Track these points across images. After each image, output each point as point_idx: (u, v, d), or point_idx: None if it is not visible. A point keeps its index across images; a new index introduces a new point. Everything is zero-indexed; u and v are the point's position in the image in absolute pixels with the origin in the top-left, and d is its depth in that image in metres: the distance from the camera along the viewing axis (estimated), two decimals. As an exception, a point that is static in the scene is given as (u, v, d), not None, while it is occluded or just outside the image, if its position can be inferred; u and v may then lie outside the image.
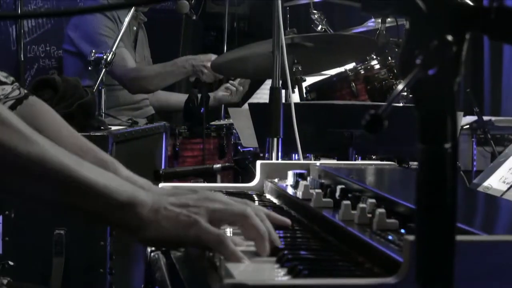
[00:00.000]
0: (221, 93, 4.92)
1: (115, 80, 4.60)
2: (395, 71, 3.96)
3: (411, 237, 1.02)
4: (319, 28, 4.72)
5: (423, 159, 0.88)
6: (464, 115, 4.66)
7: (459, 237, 0.96)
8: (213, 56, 4.51)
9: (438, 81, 0.86)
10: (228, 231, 1.50)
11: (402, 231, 1.34)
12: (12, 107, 1.81)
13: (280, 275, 1.20)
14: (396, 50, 4.10)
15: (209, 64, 4.43)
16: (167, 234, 1.34)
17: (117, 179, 1.38)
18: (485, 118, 4.77)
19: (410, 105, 3.08)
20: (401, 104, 3.14)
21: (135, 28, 4.85)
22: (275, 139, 2.67)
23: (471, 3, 0.87)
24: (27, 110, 1.82)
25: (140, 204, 1.34)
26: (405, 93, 3.47)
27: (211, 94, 4.84)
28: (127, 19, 3.95)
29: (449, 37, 0.85)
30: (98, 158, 1.78)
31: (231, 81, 4.94)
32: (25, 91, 1.87)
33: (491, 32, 0.88)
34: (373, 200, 1.47)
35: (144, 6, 4.31)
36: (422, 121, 0.88)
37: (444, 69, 0.85)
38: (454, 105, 0.87)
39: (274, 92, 2.71)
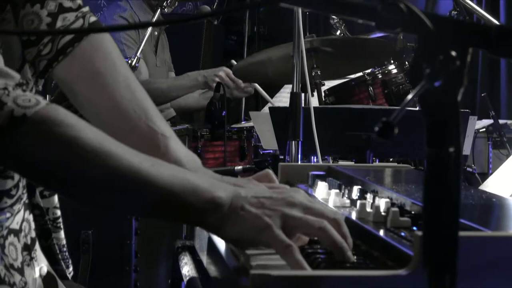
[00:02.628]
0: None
1: None
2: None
3: (420, 233, 1.12)
4: (338, 33, 4.80)
5: (429, 161, 0.98)
6: (480, 119, 4.73)
7: (464, 233, 1.06)
8: (224, 69, 4.60)
9: (443, 91, 0.96)
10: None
11: (414, 228, 1.44)
12: (70, 44, 1.61)
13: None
14: (413, 55, 4.18)
15: (222, 73, 4.51)
16: (241, 234, 1.33)
17: (193, 178, 1.34)
18: (501, 121, 4.83)
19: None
20: (417, 109, 3.22)
21: (156, 33, 4.95)
22: (295, 142, 2.75)
23: (473, 22, 0.97)
24: (85, 50, 1.62)
25: (219, 205, 1.32)
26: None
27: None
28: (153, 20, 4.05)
29: (453, 53, 0.95)
30: (150, 128, 1.64)
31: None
32: (90, 19, 1.65)
33: (491, 48, 0.98)
34: (388, 200, 1.56)
35: (166, 25, 4.38)
36: (429, 127, 0.98)
37: (448, 81, 0.95)
38: (458, 113, 0.97)
39: (294, 97, 2.78)
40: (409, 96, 0.97)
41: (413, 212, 1.49)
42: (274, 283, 1.16)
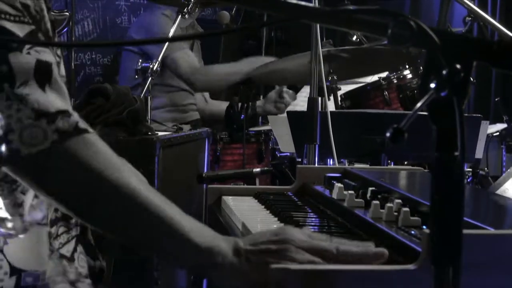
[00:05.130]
0: (269, 106, 5.01)
1: (180, 79, 4.80)
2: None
3: (428, 230, 1.21)
4: (354, 38, 4.87)
5: (437, 163, 1.07)
6: (494, 123, 4.79)
7: (468, 231, 1.16)
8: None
9: (449, 101, 1.05)
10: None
11: (424, 227, 1.53)
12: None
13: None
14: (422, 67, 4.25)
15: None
16: (248, 281, 1.36)
17: (199, 225, 1.41)
18: (515, 125, 4.89)
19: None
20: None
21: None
22: (312, 145, 2.82)
23: (476, 38, 1.06)
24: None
25: (219, 253, 1.37)
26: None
27: (260, 104, 5.01)
28: (172, 29, 4.13)
29: (458, 66, 1.04)
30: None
31: (286, 94, 5.04)
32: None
33: (493, 61, 1.08)
34: (399, 201, 1.65)
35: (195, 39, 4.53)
36: (437, 133, 1.07)
37: (453, 92, 1.04)
38: (462, 121, 1.06)
39: (311, 102, 2.85)
40: (418, 105, 1.06)
41: (423, 212, 1.58)
42: (293, 276, 1.25)
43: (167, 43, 4.05)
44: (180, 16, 3.98)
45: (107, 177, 1.39)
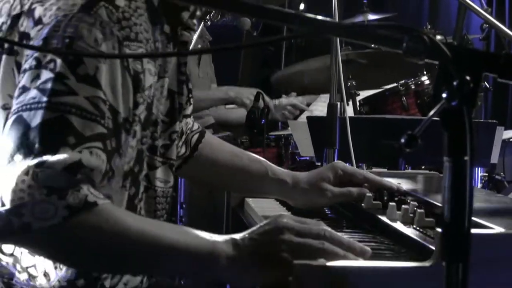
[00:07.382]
0: (277, 114, 5.06)
1: None
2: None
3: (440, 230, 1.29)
4: (373, 45, 4.93)
5: (448, 167, 1.16)
6: (511, 128, 4.84)
7: (477, 230, 1.24)
8: (255, 91, 4.80)
9: (459, 110, 1.13)
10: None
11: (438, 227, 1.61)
12: (199, 140, 2.14)
13: (338, 260, 1.47)
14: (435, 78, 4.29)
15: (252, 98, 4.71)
16: (256, 277, 1.44)
17: (196, 236, 1.47)
18: (532, 130, 4.92)
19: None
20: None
21: (199, 46, 5.09)
22: (331, 150, 2.89)
23: (485, 51, 1.15)
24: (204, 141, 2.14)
25: (220, 254, 1.44)
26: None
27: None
28: (195, 36, 4.23)
29: (468, 77, 1.12)
30: (252, 159, 2.14)
31: (298, 100, 5.09)
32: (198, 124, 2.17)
33: (500, 73, 1.16)
34: (415, 203, 1.74)
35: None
36: (448, 139, 1.15)
37: (463, 101, 1.12)
38: (471, 128, 1.14)
39: (331, 107, 2.92)
40: (431, 113, 1.15)
41: (437, 213, 1.66)
42: (315, 272, 1.33)
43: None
44: (202, 23, 4.06)
45: (118, 243, 1.47)
